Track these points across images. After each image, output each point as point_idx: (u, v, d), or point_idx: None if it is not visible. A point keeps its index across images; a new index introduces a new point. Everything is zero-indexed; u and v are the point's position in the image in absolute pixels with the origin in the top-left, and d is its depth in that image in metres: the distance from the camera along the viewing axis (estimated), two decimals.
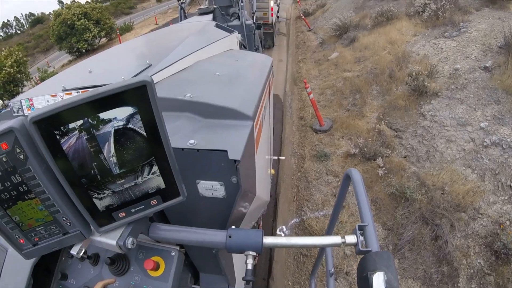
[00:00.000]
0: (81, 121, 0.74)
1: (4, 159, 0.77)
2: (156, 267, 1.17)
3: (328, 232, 1.68)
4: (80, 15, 25.26)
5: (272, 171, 3.29)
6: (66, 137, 0.75)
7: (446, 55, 6.09)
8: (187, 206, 1.27)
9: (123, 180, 0.88)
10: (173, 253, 1.21)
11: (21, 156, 0.78)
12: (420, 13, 8.37)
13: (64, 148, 0.76)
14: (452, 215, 3.76)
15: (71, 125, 0.74)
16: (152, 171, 0.90)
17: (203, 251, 1.51)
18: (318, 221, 4.36)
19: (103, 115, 0.75)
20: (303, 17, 16.11)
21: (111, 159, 0.83)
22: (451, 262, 3.44)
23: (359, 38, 9.62)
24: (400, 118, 5.47)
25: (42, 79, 17.75)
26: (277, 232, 4.43)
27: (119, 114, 0.76)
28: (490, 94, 4.67)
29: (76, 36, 25.16)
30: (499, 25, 6.09)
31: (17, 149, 0.76)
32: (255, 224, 2.87)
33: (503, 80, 4.64)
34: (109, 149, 0.81)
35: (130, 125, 0.79)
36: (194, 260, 1.66)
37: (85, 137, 0.76)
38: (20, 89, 18.26)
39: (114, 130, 0.78)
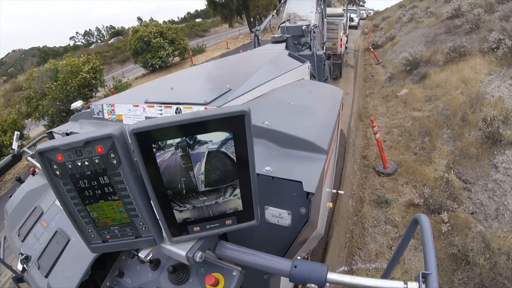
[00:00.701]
0: (179, 139, 0.80)
1: (97, 160, 0.84)
2: (216, 283, 1.16)
3: (386, 274, 1.63)
4: (156, 34, 27.10)
5: (330, 204, 3.32)
6: (161, 151, 0.80)
7: None
8: (250, 228, 1.27)
9: (206, 198, 0.93)
10: (234, 273, 1.18)
11: (114, 161, 0.84)
12: (495, 49, 7.88)
13: (158, 160, 0.82)
14: None
15: (169, 142, 0.79)
16: (234, 193, 0.94)
17: (255, 274, 1.46)
18: (368, 274, 4.24)
19: (201, 136, 0.80)
20: (371, 49, 15.83)
21: (200, 177, 0.88)
22: None
23: (430, 75, 9.29)
24: (471, 168, 5.18)
25: (116, 88, 19.39)
26: None
27: (215, 138, 0.81)
28: None
29: (151, 52, 26.97)
30: None
31: (111, 154, 0.83)
32: (305, 256, 2.89)
33: None
34: (200, 168, 0.86)
35: (223, 149, 0.84)
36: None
37: (179, 154, 0.82)
38: (94, 93, 19.93)
39: (208, 151, 0.83)
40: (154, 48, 26.87)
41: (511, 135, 4.96)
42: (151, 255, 1.06)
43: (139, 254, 1.05)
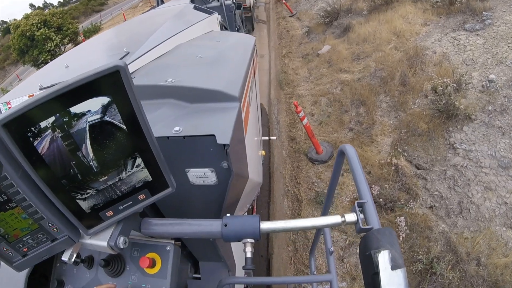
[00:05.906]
0: (53, 118, 0.74)
1: None
2: (153, 264, 1.20)
3: (324, 212, 1.76)
4: (39, 24, 25.39)
5: (263, 152, 3.54)
6: (39, 138, 0.75)
7: (471, 56, 5.32)
8: (179, 197, 1.38)
9: (106, 177, 0.88)
10: (168, 248, 1.24)
11: None
12: None
13: (39, 149, 0.76)
14: None
15: (43, 124, 0.74)
16: (136, 164, 0.90)
17: (200, 240, 1.63)
18: None
19: (75, 109, 0.75)
20: (283, 0, 15.36)
21: (90, 156, 0.83)
22: None
23: (354, 27, 8.81)
24: (423, 150, 4.70)
25: None
26: None
27: (93, 106, 0.76)
28: None
29: (37, 47, 25.48)
30: None
31: None
32: (250, 207, 3.09)
33: None
34: (86, 145, 0.81)
35: (106, 118, 0.79)
36: (192, 250, 1.78)
37: (59, 135, 0.77)
38: None
39: (90, 125, 0.78)
40: (40, 42, 25.34)
41: (468, 105, 4.50)
42: (74, 255, 1.04)
43: (62, 258, 1.03)
